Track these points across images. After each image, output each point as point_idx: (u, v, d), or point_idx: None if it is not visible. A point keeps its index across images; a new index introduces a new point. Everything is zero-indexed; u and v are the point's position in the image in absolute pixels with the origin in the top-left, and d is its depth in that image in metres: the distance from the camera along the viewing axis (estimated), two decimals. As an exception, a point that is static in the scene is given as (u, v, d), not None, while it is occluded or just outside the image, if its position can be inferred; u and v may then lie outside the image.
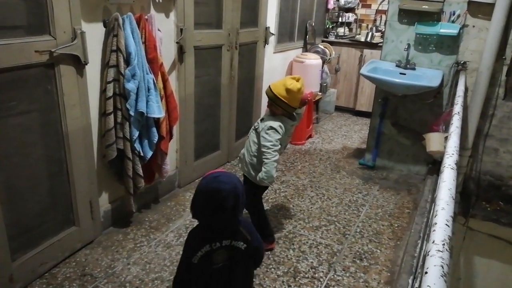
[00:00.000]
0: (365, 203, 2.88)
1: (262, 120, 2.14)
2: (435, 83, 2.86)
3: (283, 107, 2.05)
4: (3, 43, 1.58)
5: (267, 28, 3.56)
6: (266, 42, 3.60)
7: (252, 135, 2.16)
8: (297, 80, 2.05)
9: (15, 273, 1.77)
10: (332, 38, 5.04)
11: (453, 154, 1.57)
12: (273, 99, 2.04)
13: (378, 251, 2.31)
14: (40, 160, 1.87)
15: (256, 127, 2.13)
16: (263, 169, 2.03)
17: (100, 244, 2.19)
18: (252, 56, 3.48)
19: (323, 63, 4.40)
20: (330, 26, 5.14)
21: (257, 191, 2.21)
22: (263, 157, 2.04)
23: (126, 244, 2.21)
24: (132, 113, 2.10)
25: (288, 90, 2.01)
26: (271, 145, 2.02)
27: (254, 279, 1.98)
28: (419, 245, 2.15)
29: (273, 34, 3.70)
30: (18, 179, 1.77)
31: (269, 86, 2.08)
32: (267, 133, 2.03)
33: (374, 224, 2.60)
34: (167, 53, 2.46)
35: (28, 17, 1.72)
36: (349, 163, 3.60)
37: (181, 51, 2.57)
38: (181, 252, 2.14)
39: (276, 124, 2.04)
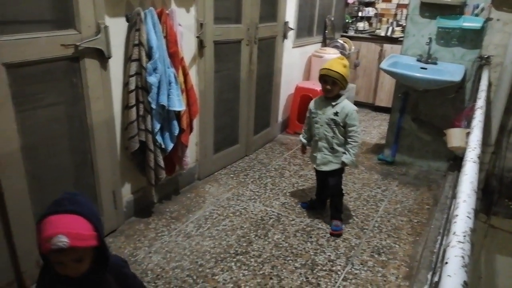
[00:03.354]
0: (384, 198, 2.86)
1: (320, 107, 2.27)
2: (457, 77, 2.80)
3: (345, 85, 2.19)
4: (31, 36, 1.64)
5: (286, 23, 3.56)
6: (285, 36, 3.60)
7: (324, 128, 2.26)
8: (342, 59, 2.21)
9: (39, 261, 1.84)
10: (351, 32, 4.99)
11: (475, 148, 1.55)
12: (339, 79, 2.13)
13: (397, 246, 2.30)
14: (66, 151, 1.94)
15: (331, 117, 2.22)
16: (351, 151, 2.23)
17: (122, 233, 2.26)
18: (271, 50, 3.49)
19: (342, 58, 4.36)
20: (350, 21, 5.09)
21: (342, 173, 2.41)
22: (352, 140, 2.22)
23: (147, 234, 2.27)
24: (154, 106, 2.15)
25: (346, 67, 2.15)
26: (358, 128, 2.23)
27: (272, 270, 2.01)
28: (439, 241, 2.13)
29: (292, 28, 3.70)
30: (45, 169, 1.84)
31: (327, 68, 2.15)
32: (354, 118, 2.20)
33: (393, 219, 2.58)
34: (187, 48, 2.50)
35: (54, 12, 1.78)
36: (367, 158, 3.57)
37: (201, 45, 2.60)
38: (200, 243, 2.20)
39: (353, 105, 2.25)
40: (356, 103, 5.06)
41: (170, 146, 2.31)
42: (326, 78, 2.16)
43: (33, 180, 1.76)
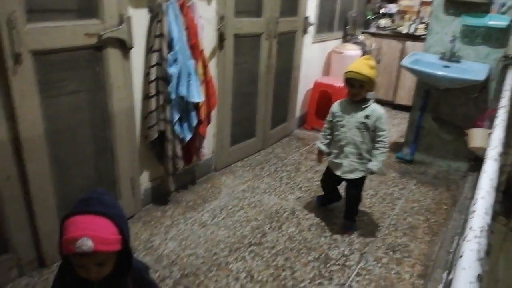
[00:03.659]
0: (401, 196, 2.83)
1: (347, 110, 2.14)
2: (481, 76, 2.74)
3: (373, 87, 2.06)
4: (57, 25, 1.69)
5: (306, 18, 3.54)
6: (305, 31, 3.59)
7: (353, 133, 2.11)
8: (368, 59, 2.08)
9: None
10: (373, 29, 4.92)
11: (496, 146, 1.52)
12: (367, 82, 2.02)
13: (412, 244, 2.28)
14: (87, 137, 1.99)
15: (361, 121, 2.08)
16: (379, 158, 2.09)
17: (140, 219, 2.31)
18: (291, 45, 3.48)
19: (363, 54, 4.32)
20: (371, 17, 5.02)
21: (364, 181, 2.29)
22: (381, 145, 2.10)
23: (164, 221, 2.31)
24: (173, 96, 2.18)
25: (373, 68, 2.03)
26: (387, 133, 2.10)
27: (285, 262, 2.03)
28: (456, 241, 2.10)
29: (312, 24, 3.68)
30: (67, 154, 1.90)
31: (353, 71, 2.02)
32: (384, 121, 2.09)
33: (409, 218, 2.55)
34: (207, 40, 2.52)
35: (79, 1, 1.82)
36: (385, 157, 3.53)
37: (221, 38, 2.62)
38: (215, 232, 2.23)
39: (382, 109, 2.15)
40: (376, 101, 5.02)
41: (188, 136, 2.34)
42: (353, 81, 2.04)
43: (56, 165, 1.82)
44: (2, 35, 1.48)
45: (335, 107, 2.22)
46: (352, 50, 4.16)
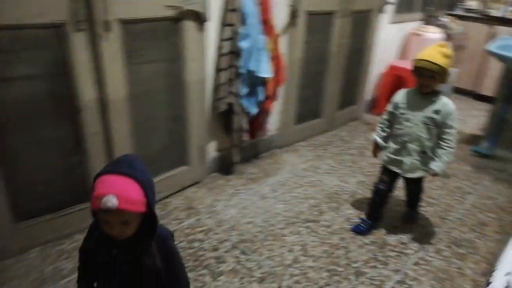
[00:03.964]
0: (473, 191, 2.65)
1: (414, 103, 1.89)
2: None
3: (445, 78, 1.81)
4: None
5: (385, -3, 3.38)
6: (381, 11, 3.43)
7: (419, 129, 1.88)
8: (443, 47, 1.81)
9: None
10: (459, 11, 4.54)
11: None
12: (440, 72, 1.77)
13: (479, 241, 2.15)
14: (163, 104, 2.15)
15: (430, 116, 1.85)
16: (444, 158, 1.88)
17: (205, 185, 2.46)
18: (365, 25, 3.36)
19: (446, 39, 4.02)
20: (459, -2, 4.62)
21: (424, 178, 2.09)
22: (447, 144, 1.87)
23: (227, 189, 2.44)
24: (243, 71, 2.25)
25: (448, 57, 1.77)
26: (456, 131, 1.89)
27: (340, 241, 2.04)
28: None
29: (391, 3, 3.50)
30: (145, 118, 2.07)
31: (424, 60, 1.77)
32: (455, 118, 1.86)
33: (480, 214, 2.40)
34: (280, 16, 2.54)
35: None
36: (460, 148, 3.30)
37: (293, 15, 2.62)
38: (274, 205, 2.30)
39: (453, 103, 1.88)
40: (456, 90, 4.67)
41: (254, 110, 2.41)
42: (423, 71, 1.79)
43: (135, 126, 2.00)
44: (95, 4, 1.64)
45: (400, 97, 1.98)
46: (434, 33, 3.89)
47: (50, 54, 1.65)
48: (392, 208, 2.37)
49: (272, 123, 2.81)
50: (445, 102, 1.87)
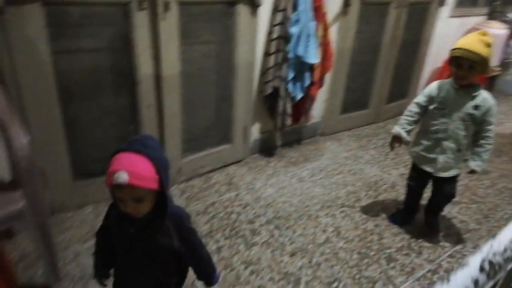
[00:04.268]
0: (525, 194, 2.52)
1: (452, 97, 1.73)
2: None
3: (485, 70, 1.66)
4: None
5: (446, -12, 3.26)
6: (441, 4, 3.31)
7: (456, 125, 1.75)
8: (484, 35, 1.65)
9: (183, 167, 2.26)
10: (531, 6, 4.22)
11: None
12: (480, 63, 1.61)
13: (526, 243, 2.05)
14: (212, 83, 2.27)
15: (469, 111, 1.71)
16: (484, 156, 1.77)
17: (246, 164, 2.57)
18: (422, 17, 3.26)
19: (511, 35, 3.78)
20: (532, -8, 4.30)
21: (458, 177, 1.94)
22: (486, 142, 1.76)
23: (266, 170, 2.53)
24: (290, 55, 2.32)
25: (489, 46, 1.61)
26: (494, 127, 1.76)
27: (374, 228, 2.06)
28: None
29: (452, -5, 3.36)
30: (194, 95, 2.21)
31: (463, 48, 1.61)
32: (494, 114, 1.73)
33: (529, 217, 2.28)
34: (333, 4, 2.56)
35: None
36: (514, 149, 3.14)
37: (346, 3, 2.63)
38: (311, 188, 2.35)
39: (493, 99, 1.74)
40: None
41: (299, 96, 2.47)
42: (461, 61, 1.63)
43: (185, 102, 2.15)
44: (157, -14, 1.79)
45: (434, 89, 1.80)
46: (498, 28, 3.68)
47: (115, 29, 1.82)
48: (433, 202, 2.33)
49: (317, 111, 2.85)
50: (485, 97, 1.73)
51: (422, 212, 2.13)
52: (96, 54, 1.82)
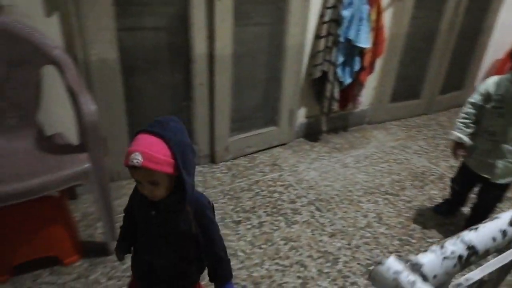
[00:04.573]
0: None
1: (510, 96, 1.59)
2: None
3: None
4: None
5: (515, -28, 3.05)
6: (509, -11, 3.10)
7: None
8: None
9: (230, 146, 2.35)
10: None
11: None
12: None
13: None
14: (262, 64, 2.33)
15: None
16: None
17: (291, 147, 2.61)
18: (485, 4, 3.09)
19: None
20: None
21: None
22: None
23: (310, 154, 2.56)
24: (341, 39, 2.31)
25: None
26: None
27: (418, 217, 2.03)
28: None
29: (522, -20, 3.14)
30: (244, 75, 2.27)
31: None
32: None
33: None
34: (388, -12, 2.50)
35: None
36: None
37: (403, -13, 2.55)
38: (355, 174, 2.35)
39: None
40: None
41: (348, 81, 2.46)
42: None
43: (235, 82, 2.22)
44: (215, -32, 1.86)
45: (491, 86, 1.66)
46: None
47: (174, 9, 1.92)
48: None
49: (365, 98, 2.81)
50: None
51: (469, 205, 2.08)
52: (156, 32, 1.93)
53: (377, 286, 0.51)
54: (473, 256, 0.58)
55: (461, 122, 1.75)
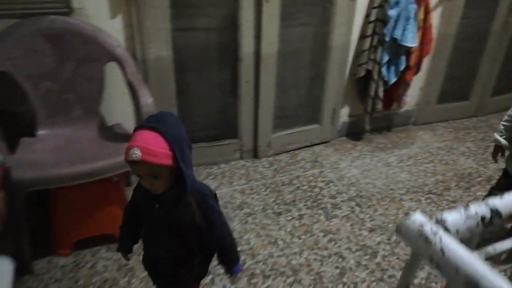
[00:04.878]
0: None
1: None
2: None
3: None
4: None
5: None
6: None
7: None
8: None
9: (272, 142, 2.44)
10: None
11: None
12: None
13: None
14: (306, 64, 2.39)
15: None
16: None
17: (332, 145, 2.65)
18: (545, 2, 2.94)
19: None
20: None
21: None
22: None
23: (352, 152, 2.58)
24: (387, 38, 2.32)
25: None
26: None
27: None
28: None
29: None
30: (289, 74, 2.35)
31: None
32: None
33: None
34: (437, -13, 2.47)
35: None
36: None
37: (453, -14, 2.51)
38: (397, 173, 2.34)
39: None
40: None
41: (393, 80, 2.46)
42: None
43: (279, 80, 2.30)
44: (264, -29, 1.96)
45: None
46: None
47: (224, 10, 2.04)
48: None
49: (411, 98, 2.78)
50: None
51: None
52: (207, 33, 2.07)
53: (402, 237, 0.57)
54: (496, 218, 0.61)
55: (503, 126, 1.72)
